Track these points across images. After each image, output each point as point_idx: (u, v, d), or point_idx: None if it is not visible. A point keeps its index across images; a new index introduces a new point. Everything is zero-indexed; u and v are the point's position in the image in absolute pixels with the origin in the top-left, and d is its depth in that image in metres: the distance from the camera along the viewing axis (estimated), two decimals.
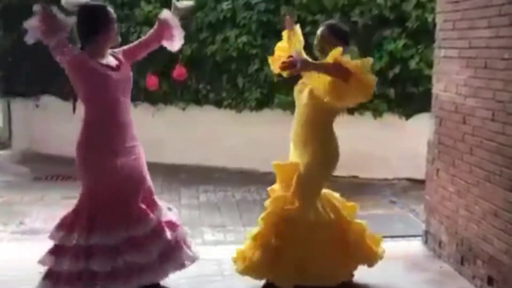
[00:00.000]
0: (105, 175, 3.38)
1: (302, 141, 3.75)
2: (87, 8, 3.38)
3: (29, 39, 3.25)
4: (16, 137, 8.88)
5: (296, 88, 3.85)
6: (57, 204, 6.18)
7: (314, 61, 3.54)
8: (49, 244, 3.48)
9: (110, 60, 3.47)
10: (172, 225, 3.66)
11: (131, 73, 3.62)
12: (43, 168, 7.80)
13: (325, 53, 3.62)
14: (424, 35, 6.97)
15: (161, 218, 3.59)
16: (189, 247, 3.75)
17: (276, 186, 3.92)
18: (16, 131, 8.93)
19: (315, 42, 3.75)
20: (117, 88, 3.44)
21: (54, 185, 7.07)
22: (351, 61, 3.42)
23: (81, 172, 3.44)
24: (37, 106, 8.76)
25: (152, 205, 3.61)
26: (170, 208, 3.80)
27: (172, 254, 3.60)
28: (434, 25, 4.72)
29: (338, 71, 3.38)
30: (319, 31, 3.75)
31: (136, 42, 3.75)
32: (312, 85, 3.62)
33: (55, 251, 3.40)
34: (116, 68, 3.47)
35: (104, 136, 3.42)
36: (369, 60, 3.49)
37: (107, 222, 3.37)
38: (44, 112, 8.73)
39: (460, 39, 4.20)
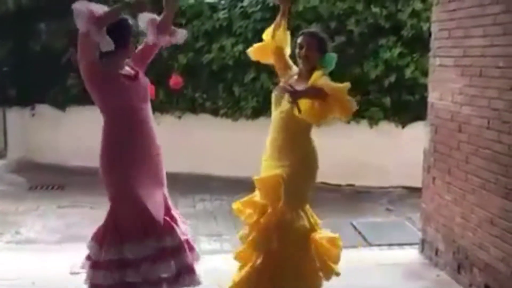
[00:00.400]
0: (129, 187, 3.33)
1: (278, 146, 3.74)
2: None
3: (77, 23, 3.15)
4: (11, 146, 8.84)
5: (274, 94, 3.82)
6: (53, 214, 6.16)
7: (304, 90, 3.50)
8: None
9: (127, 71, 3.44)
10: (190, 246, 3.61)
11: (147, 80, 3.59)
12: (38, 178, 7.76)
13: (309, 61, 3.63)
14: (419, 43, 7.00)
15: (182, 235, 3.54)
16: (196, 272, 3.65)
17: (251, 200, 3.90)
18: (11, 141, 8.89)
19: (298, 50, 3.70)
20: (138, 96, 3.42)
21: (49, 195, 7.03)
22: (331, 85, 3.46)
23: (106, 183, 3.39)
24: (32, 115, 8.74)
25: (173, 218, 3.57)
26: (185, 222, 3.75)
27: (187, 274, 3.53)
28: (429, 33, 4.74)
29: (319, 96, 3.41)
30: (301, 39, 3.69)
31: (140, 46, 3.69)
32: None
33: (92, 264, 3.37)
34: (135, 78, 3.45)
35: (127, 146, 3.36)
36: (347, 85, 3.47)
37: (136, 234, 3.33)
38: (40, 122, 8.71)
39: (455, 47, 4.22)
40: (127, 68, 3.45)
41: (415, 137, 5.71)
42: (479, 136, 3.88)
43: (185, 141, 7.93)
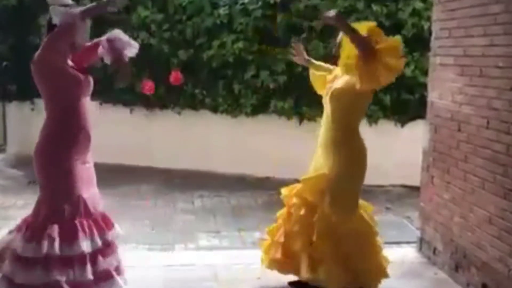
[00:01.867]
0: (69, 183, 3.29)
1: (324, 144, 3.72)
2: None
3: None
4: (10, 141, 8.85)
5: (324, 92, 3.81)
6: None
7: (348, 24, 3.46)
8: None
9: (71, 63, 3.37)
10: (113, 250, 3.48)
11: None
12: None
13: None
14: (419, 42, 7.00)
15: (106, 239, 3.42)
16: (121, 274, 3.52)
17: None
18: (11, 135, 8.90)
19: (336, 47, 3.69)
20: (86, 91, 3.38)
21: None
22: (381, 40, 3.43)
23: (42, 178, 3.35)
24: (32, 109, 8.73)
25: (99, 221, 3.44)
26: (115, 226, 3.56)
27: (106, 280, 3.38)
28: (430, 33, 4.75)
29: (366, 43, 3.36)
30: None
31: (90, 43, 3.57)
32: (343, 75, 3.60)
33: (14, 258, 3.27)
34: (84, 71, 3.39)
35: (67, 141, 3.31)
36: (397, 40, 3.51)
37: (64, 233, 3.23)
38: (39, 116, 8.64)
39: (456, 47, 4.22)
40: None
41: (414, 136, 5.72)
42: (478, 136, 3.88)
43: (184, 138, 7.94)
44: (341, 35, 3.62)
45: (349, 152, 3.68)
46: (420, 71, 7.09)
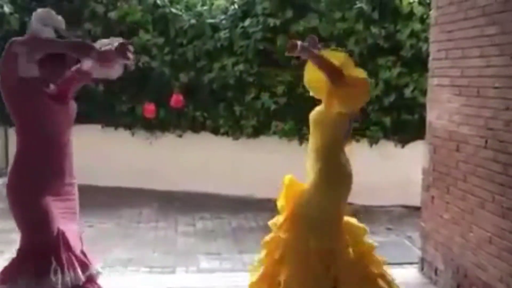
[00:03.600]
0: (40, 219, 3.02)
1: (311, 168, 3.62)
2: None
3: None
4: None
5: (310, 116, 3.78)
6: None
7: (313, 50, 3.42)
8: None
9: (53, 89, 3.08)
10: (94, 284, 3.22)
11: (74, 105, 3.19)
12: None
13: None
14: (418, 63, 7.06)
15: (92, 275, 3.17)
16: None
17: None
18: (12, 159, 8.94)
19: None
20: (63, 120, 3.08)
21: None
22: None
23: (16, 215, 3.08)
24: None
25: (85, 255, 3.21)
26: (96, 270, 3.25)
27: None
28: (428, 54, 4.79)
29: (330, 66, 3.34)
30: None
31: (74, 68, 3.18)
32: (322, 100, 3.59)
33: None
34: (63, 99, 3.09)
35: (41, 173, 3.02)
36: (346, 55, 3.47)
37: (37, 269, 2.99)
38: None
39: (453, 67, 4.26)
40: (52, 87, 3.06)
41: (414, 156, 5.73)
42: (476, 156, 3.90)
43: (185, 160, 7.96)
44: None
45: (327, 172, 3.55)
46: (419, 91, 7.15)
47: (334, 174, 3.58)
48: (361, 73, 3.53)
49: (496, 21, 3.71)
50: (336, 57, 3.47)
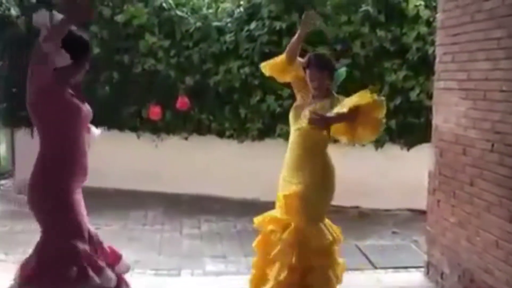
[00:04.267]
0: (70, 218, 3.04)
1: (294, 163, 3.81)
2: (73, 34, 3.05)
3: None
4: (19, 166, 8.90)
5: (292, 113, 3.91)
6: None
7: (333, 116, 3.57)
8: None
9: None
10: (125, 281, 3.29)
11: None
12: None
13: (322, 89, 3.81)
14: (424, 66, 7.05)
15: (122, 272, 3.24)
16: None
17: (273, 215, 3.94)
18: (19, 161, 8.95)
19: (309, 81, 3.82)
20: (84, 122, 3.16)
21: None
22: (362, 100, 3.53)
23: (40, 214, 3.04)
24: None
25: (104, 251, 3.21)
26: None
27: None
28: (434, 57, 4.79)
29: (353, 117, 3.53)
30: (311, 74, 3.80)
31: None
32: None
33: None
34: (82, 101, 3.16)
35: (65, 173, 3.05)
36: (381, 100, 3.62)
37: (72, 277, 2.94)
38: None
39: (460, 71, 4.25)
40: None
41: (420, 160, 5.71)
42: (483, 159, 3.89)
43: (191, 162, 7.97)
44: (311, 71, 3.82)
45: (316, 170, 3.75)
46: (425, 94, 7.14)
47: (325, 173, 3.79)
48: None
49: (503, 25, 3.70)
50: (364, 98, 3.56)
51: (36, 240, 3.08)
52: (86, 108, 3.16)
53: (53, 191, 3.00)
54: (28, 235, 6.08)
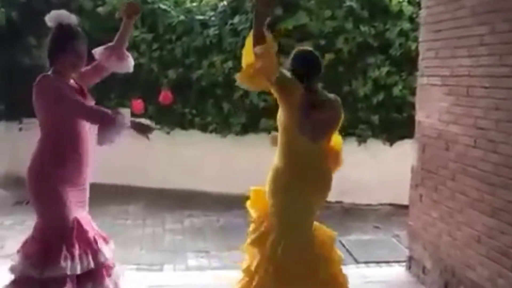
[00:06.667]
0: (57, 207, 3.22)
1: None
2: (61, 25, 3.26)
3: None
4: None
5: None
6: None
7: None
8: None
9: (72, 84, 3.33)
10: (108, 272, 3.41)
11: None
12: (24, 193, 7.69)
13: None
14: (407, 62, 7.09)
15: (102, 261, 3.35)
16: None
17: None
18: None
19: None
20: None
21: None
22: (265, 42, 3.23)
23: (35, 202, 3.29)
24: (20, 129, 8.69)
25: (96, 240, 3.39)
26: (107, 241, 3.51)
27: None
28: (417, 53, 4.80)
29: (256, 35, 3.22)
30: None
31: (89, 67, 3.50)
32: None
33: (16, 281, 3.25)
34: (83, 93, 3.34)
35: (60, 165, 3.24)
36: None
37: (57, 256, 3.17)
38: (27, 136, 8.63)
39: (443, 67, 4.27)
40: (71, 81, 3.33)
41: (402, 155, 5.75)
42: (465, 155, 3.91)
43: (173, 157, 7.93)
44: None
45: (273, 170, 3.57)
46: (408, 90, 7.17)
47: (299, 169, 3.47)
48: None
49: (485, 21, 3.72)
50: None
51: (12, 235, 3.28)
52: (88, 101, 3.35)
53: (47, 180, 3.21)
54: (5, 230, 6.07)
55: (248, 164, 7.55)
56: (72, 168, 3.26)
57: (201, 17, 7.93)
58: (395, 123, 7.43)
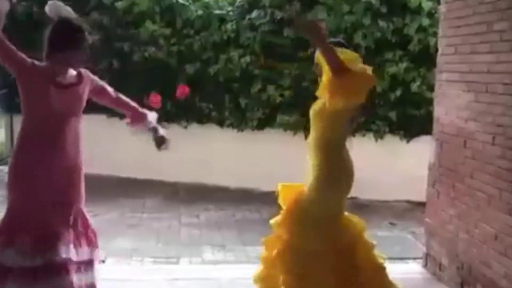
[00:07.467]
0: (28, 194, 3.14)
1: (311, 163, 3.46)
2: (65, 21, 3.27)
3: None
4: None
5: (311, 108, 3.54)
6: None
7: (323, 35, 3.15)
8: None
9: (70, 77, 3.29)
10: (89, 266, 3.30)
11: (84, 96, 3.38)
12: None
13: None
14: (425, 58, 7.03)
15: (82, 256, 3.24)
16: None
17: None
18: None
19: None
20: (64, 106, 3.24)
21: None
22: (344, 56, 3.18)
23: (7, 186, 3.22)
24: None
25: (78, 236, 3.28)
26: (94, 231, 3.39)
27: None
28: (436, 49, 4.77)
29: (334, 54, 3.11)
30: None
31: (117, 96, 3.76)
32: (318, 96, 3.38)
33: None
34: (72, 85, 3.28)
35: (36, 152, 3.18)
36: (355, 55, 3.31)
37: (25, 243, 3.07)
38: None
39: (462, 63, 4.24)
40: (73, 73, 3.30)
41: (420, 151, 5.72)
42: (484, 152, 3.89)
43: (190, 151, 7.95)
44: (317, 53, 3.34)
45: (327, 168, 3.39)
46: (426, 86, 7.12)
47: (334, 170, 3.42)
48: (366, 68, 3.31)
49: (506, 17, 3.68)
50: (345, 53, 3.28)
51: None
52: (75, 92, 3.30)
53: (18, 161, 3.22)
54: None
55: (264, 159, 7.57)
56: (49, 158, 3.21)
57: (219, 12, 7.93)
58: (412, 120, 7.38)
